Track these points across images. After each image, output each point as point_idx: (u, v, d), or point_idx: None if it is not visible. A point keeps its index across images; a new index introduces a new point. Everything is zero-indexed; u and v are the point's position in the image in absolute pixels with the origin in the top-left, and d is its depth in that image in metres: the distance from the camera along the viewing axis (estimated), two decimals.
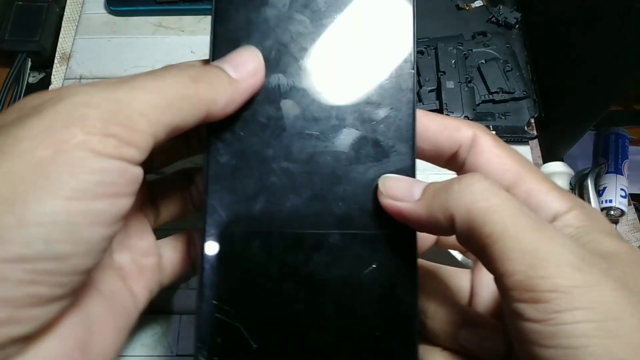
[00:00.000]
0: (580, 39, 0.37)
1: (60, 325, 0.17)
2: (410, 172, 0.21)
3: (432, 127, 0.22)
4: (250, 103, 0.21)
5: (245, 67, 0.20)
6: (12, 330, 0.15)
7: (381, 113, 0.22)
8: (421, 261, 0.23)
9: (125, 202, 0.17)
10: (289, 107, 0.22)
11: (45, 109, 0.16)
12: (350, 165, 0.22)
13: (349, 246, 0.21)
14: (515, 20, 0.40)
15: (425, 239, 0.25)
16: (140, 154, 0.17)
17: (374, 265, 0.21)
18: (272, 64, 0.22)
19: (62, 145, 0.15)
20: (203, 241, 0.21)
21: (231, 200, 0.21)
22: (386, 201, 0.20)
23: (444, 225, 0.18)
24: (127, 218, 0.19)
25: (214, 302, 0.20)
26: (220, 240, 0.21)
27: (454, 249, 0.28)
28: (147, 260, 0.24)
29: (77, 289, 0.17)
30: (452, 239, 0.19)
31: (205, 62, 0.21)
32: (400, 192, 0.20)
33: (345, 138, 0.22)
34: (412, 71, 0.22)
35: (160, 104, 0.17)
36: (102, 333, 0.19)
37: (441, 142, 0.22)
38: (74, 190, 0.15)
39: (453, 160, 0.22)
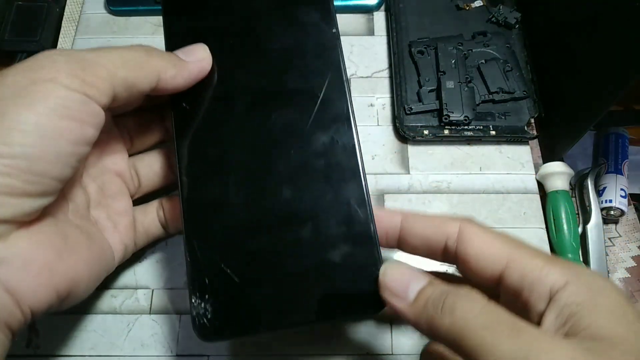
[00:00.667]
0: (580, 39, 0.37)
1: (39, 227, 0.21)
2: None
3: (420, 223, 0.24)
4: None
5: (194, 54, 0.26)
6: None
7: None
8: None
9: (88, 130, 0.21)
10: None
11: (26, 60, 0.21)
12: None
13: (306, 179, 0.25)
14: (515, 20, 0.40)
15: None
16: (100, 95, 0.21)
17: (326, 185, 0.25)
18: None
19: (37, 79, 0.20)
20: (182, 202, 0.25)
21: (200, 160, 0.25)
22: (384, 294, 0.22)
23: (431, 337, 0.20)
24: (106, 184, 0.27)
25: (198, 250, 0.24)
26: (196, 201, 0.25)
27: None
28: (122, 218, 0.28)
29: (48, 193, 0.21)
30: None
31: None
32: (397, 287, 0.22)
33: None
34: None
35: (117, 61, 0.22)
36: (77, 253, 0.23)
37: (429, 236, 0.23)
38: (44, 108, 0.20)
39: (446, 253, 0.23)
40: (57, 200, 0.24)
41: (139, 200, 0.30)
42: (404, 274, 0.22)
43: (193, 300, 0.23)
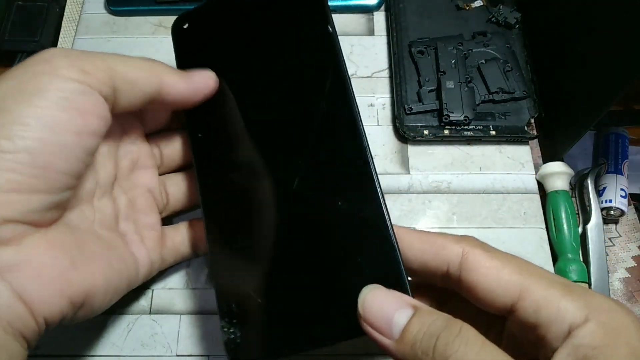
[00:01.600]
0: (580, 39, 0.37)
1: (53, 236, 0.21)
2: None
3: (416, 245, 0.21)
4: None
5: (200, 74, 0.26)
6: (3, 211, 0.19)
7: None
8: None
9: (92, 120, 0.21)
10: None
11: (27, 58, 0.21)
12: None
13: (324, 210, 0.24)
14: (515, 20, 0.40)
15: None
16: (100, 84, 0.21)
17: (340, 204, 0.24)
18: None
19: (36, 72, 0.20)
20: (206, 229, 0.25)
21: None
22: (364, 326, 0.19)
23: None
24: (137, 198, 0.27)
25: (223, 277, 0.25)
26: (219, 228, 0.25)
27: None
28: (150, 233, 0.27)
29: (57, 189, 0.20)
30: None
31: None
32: (378, 321, 0.19)
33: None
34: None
35: (117, 58, 0.22)
36: (95, 263, 0.22)
37: (428, 261, 0.21)
38: (44, 100, 0.20)
39: (447, 280, 0.21)
40: (80, 209, 0.23)
41: (167, 219, 0.30)
42: (386, 303, 0.19)
43: (223, 326, 0.24)
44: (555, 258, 0.35)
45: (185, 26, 0.30)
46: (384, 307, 0.19)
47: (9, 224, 0.19)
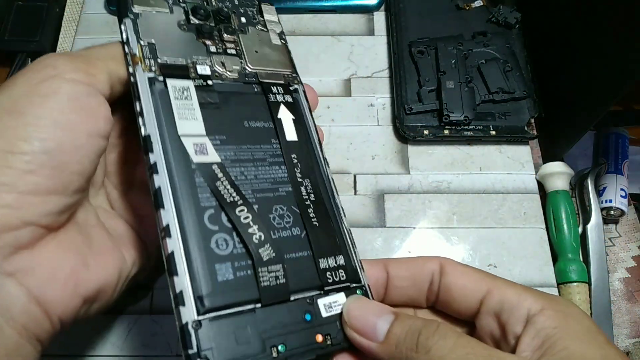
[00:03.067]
0: (580, 39, 0.37)
1: (65, 237, 0.21)
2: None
3: (402, 267, 0.24)
4: None
5: None
6: (23, 213, 0.19)
7: None
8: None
9: (100, 122, 0.21)
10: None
11: (30, 64, 0.21)
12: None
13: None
14: (515, 20, 0.40)
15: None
16: (102, 86, 0.22)
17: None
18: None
19: (44, 76, 0.20)
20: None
21: None
22: (350, 333, 0.21)
23: None
24: (128, 191, 0.26)
25: None
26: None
27: None
28: (146, 220, 0.27)
29: (72, 191, 0.21)
30: None
31: None
32: (363, 327, 0.20)
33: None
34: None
35: (109, 55, 0.23)
36: (104, 258, 0.23)
37: (416, 276, 0.24)
38: (56, 103, 0.20)
39: (431, 291, 0.24)
40: (83, 207, 0.24)
41: None
42: (369, 310, 0.21)
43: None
44: (555, 258, 0.35)
45: None
46: (367, 314, 0.21)
47: (28, 226, 0.19)
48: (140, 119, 0.22)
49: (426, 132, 0.37)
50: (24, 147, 0.19)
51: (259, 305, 0.20)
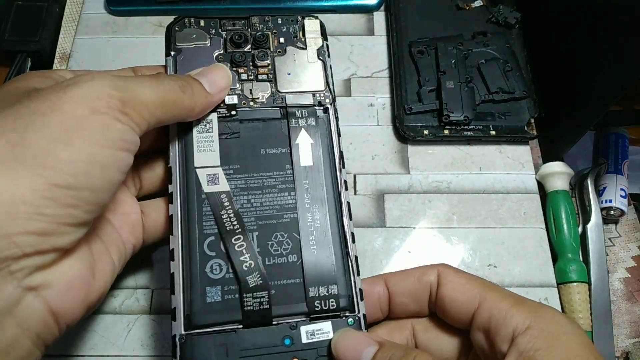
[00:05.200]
0: (580, 38, 0.37)
1: (79, 250, 0.22)
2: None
3: (401, 281, 0.25)
4: None
5: (218, 84, 0.26)
6: (55, 240, 0.19)
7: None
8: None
9: (131, 157, 0.22)
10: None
11: (81, 82, 0.21)
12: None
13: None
14: (515, 20, 0.40)
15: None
16: (140, 129, 0.22)
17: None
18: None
19: (95, 110, 0.20)
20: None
21: None
22: None
23: None
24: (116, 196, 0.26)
25: None
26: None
27: None
28: (130, 218, 0.28)
29: (95, 220, 0.21)
30: None
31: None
32: (350, 355, 0.22)
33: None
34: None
35: (157, 101, 0.23)
36: (105, 266, 0.24)
37: (415, 289, 0.24)
38: (105, 140, 0.20)
39: (431, 302, 0.24)
40: None
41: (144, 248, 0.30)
42: (356, 341, 0.22)
43: None
44: (555, 258, 0.35)
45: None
46: (354, 345, 0.22)
47: (56, 251, 0.20)
48: (169, 151, 0.25)
49: (426, 132, 0.37)
50: (70, 181, 0.19)
51: (240, 326, 0.22)
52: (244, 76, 0.27)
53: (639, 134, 0.46)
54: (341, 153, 0.26)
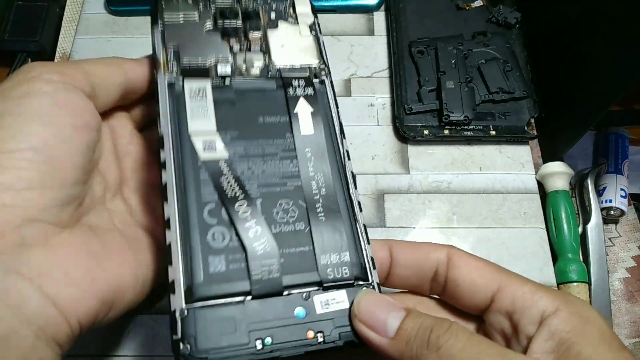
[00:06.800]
0: (580, 38, 0.37)
1: (74, 232, 0.22)
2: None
3: (407, 252, 0.23)
4: None
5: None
6: (23, 211, 0.19)
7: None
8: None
9: (82, 115, 0.22)
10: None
11: (8, 76, 0.22)
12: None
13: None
14: (515, 20, 0.40)
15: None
16: (79, 82, 0.23)
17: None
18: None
19: (20, 81, 0.22)
20: None
21: None
22: (359, 327, 0.20)
23: None
24: (147, 194, 0.27)
25: None
26: None
27: None
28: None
29: (66, 184, 0.21)
30: None
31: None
32: (374, 321, 0.20)
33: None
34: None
35: (87, 61, 0.24)
36: (119, 259, 0.23)
37: (420, 262, 0.23)
38: (36, 101, 0.21)
39: (435, 281, 0.23)
40: (96, 210, 0.24)
41: None
42: (381, 304, 0.20)
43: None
44: (555, 258, 0.35)
45: None
46: (378, 309, 0.20)
47: (30, 223, 0.19)
48: (158, 120, 0.23)
49: (426, 132, 0.37)
50: (10, 145, 0.20)
51: (249, 297, 0.20)
52: (236, 47, 0.26)
53: (639, 134, 0.46)
54: (341, 124, 0.26)
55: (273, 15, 0.28)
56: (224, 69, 0.25)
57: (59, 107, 0.21)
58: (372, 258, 0.23)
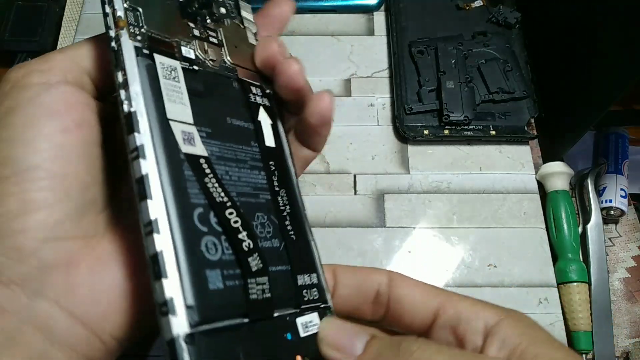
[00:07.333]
0: (580, 38, 0.37)
1: (100, 242, 0.20)
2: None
3: (350, 274, 0.24)
4: None
5: None
6: (34, 233, 0.18)
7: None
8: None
9: (70, 113, 0.20)
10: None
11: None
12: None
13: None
14: (515, 20, 0.40)
15: None
16: (63, 75, 0.21)
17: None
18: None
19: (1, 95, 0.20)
20: None
21: None
22: (326, 351, 0.20)
23: None
24: None
25: None
26: None
27: None
28: None
29: (72, 191, 0.19)
30: None
31: None
32: (340, 341, 0.20)
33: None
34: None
35: (74, 46, 0.22)
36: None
37: (362, 284, 0.23)
38: (18, 118, 0.19)
39: (377, 302, 0.23)
40: (120, 211, 0.22)
41: None
42: (347, 327, 0.21)
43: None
44: (555, 258, 0.35)
45: None
46: (346, 330, 0.21)
47: (47, 243, 0.18)
48: (122, 93, 0.18)
49: (426, 132, 0.37)
50: (6, 171, 0.18)
51: (245, 320, 0.18)
52: (196, 32, 0.22)
53: (639, 134, 0.46)
54: (288, 140, 0.24)
55: (223, 10, 0.25)
56: (188, 52, 0.22)
57: (44, 115, 0.19)
58: (326, 280, 0.22)
